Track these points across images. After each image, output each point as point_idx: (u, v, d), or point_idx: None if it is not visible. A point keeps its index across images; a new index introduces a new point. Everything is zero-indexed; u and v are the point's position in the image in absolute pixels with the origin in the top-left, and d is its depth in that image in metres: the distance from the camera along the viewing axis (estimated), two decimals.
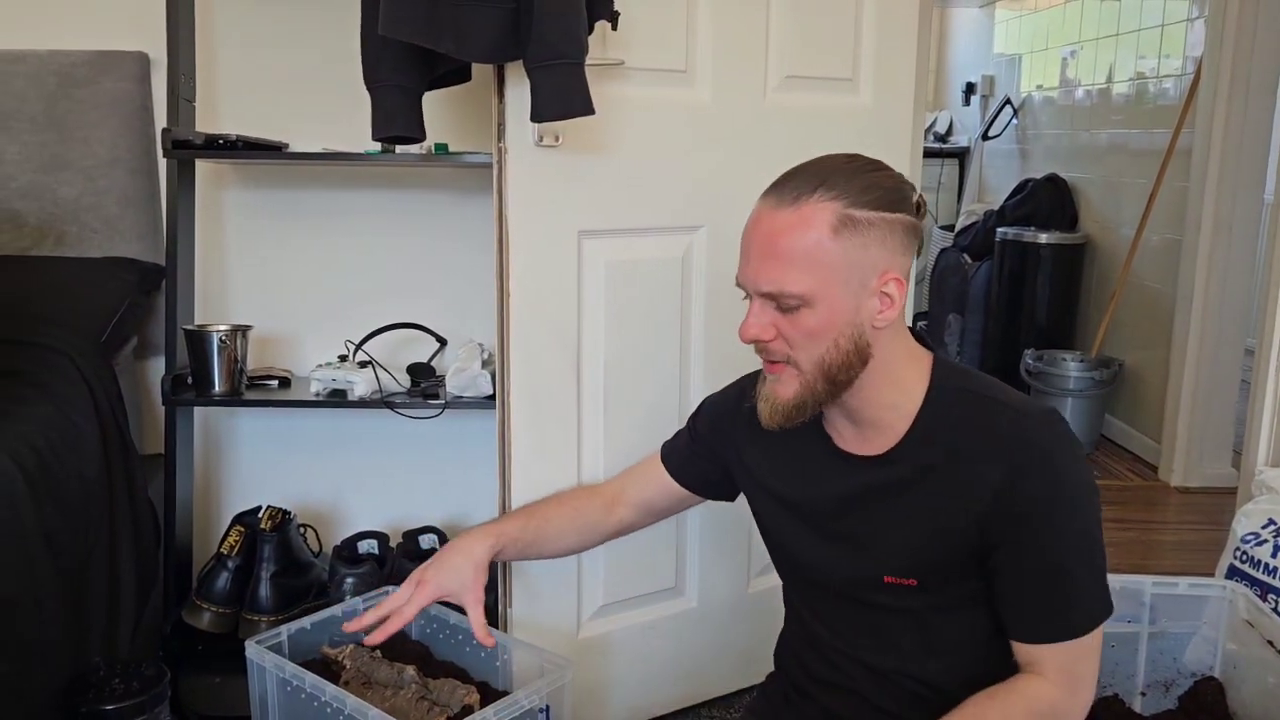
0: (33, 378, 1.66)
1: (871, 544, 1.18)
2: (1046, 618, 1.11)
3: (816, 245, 1.07)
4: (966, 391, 1.14)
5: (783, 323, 1.10)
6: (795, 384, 1.13)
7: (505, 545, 1.43)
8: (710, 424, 1.41)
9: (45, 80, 2.00)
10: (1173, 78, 3.62)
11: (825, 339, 1.09)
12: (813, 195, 1.07)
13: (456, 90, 1.89)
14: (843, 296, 1.08)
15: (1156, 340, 3.63)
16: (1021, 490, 1.07)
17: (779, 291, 1.08)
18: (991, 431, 1.10)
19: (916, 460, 1.14)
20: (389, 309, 2.12)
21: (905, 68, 2.02)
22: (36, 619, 1.41)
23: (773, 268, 1.09)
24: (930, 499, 1.13)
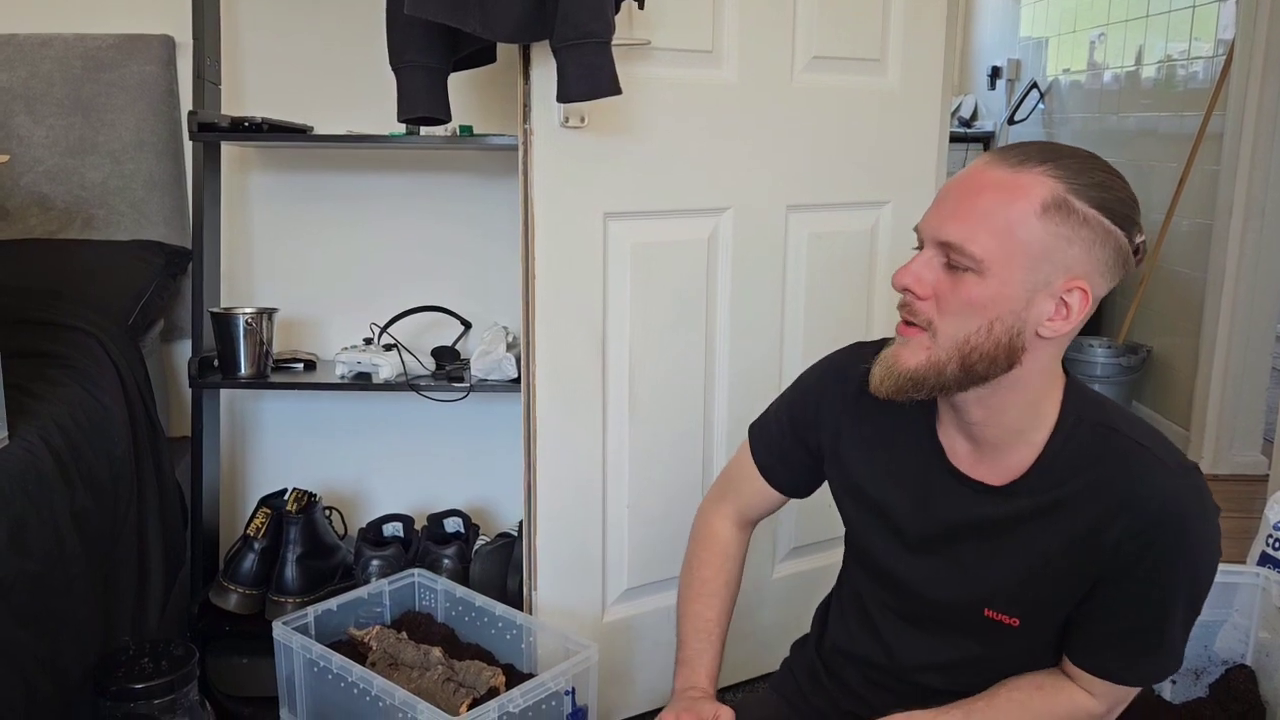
0: (62, 359, 1.67)
1: (977, 575, 1.11)
2: (1121, 661, 1.08)
3: (1019, 216, 0.96)
4: (1102, 427, 1.05)
5: (944, 283, 1.00)
6: (924, 355, 1.01)
7: (715, 669, 1.31)
8: (808, 411, 1.26)
9: (71, 64, 2.00)
10: (1203, 60, 3.57)
11: (980, 317, 0.98)
12: (1038, 166, 0.97)
13: (480, 72, 1.88)
14: (1020, 281, 0.97)
15: (1185, 326, 3.58)
16: (1147, 545, 1.01)
17: (958, 244, 0.97)
18: (1127, 480, 1.02)
19: (1040, 496, 1.06)
20: (414, 292, 2.12)
21: (934, 49, 2.00)
22: (67, 597, 1.42)
23: (963, 219, 0.98)
24: (1052, 539, 1.05)
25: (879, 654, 1.22)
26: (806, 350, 1.97)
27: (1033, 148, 1.00)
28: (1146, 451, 1.03)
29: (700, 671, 1.28)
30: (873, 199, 1.99)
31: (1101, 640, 1.08)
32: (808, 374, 1.30)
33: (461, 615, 1.77)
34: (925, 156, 2.03)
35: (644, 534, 1.88)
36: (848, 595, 1.29)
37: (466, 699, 1.50)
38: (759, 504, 1.35)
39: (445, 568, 1.91)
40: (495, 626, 1.72)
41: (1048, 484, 1.06)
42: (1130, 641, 1.07)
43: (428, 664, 1.59)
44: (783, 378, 1.97)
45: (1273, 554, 1.89)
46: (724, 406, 1.92)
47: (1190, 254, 3.58)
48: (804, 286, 1.95)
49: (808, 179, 1.91)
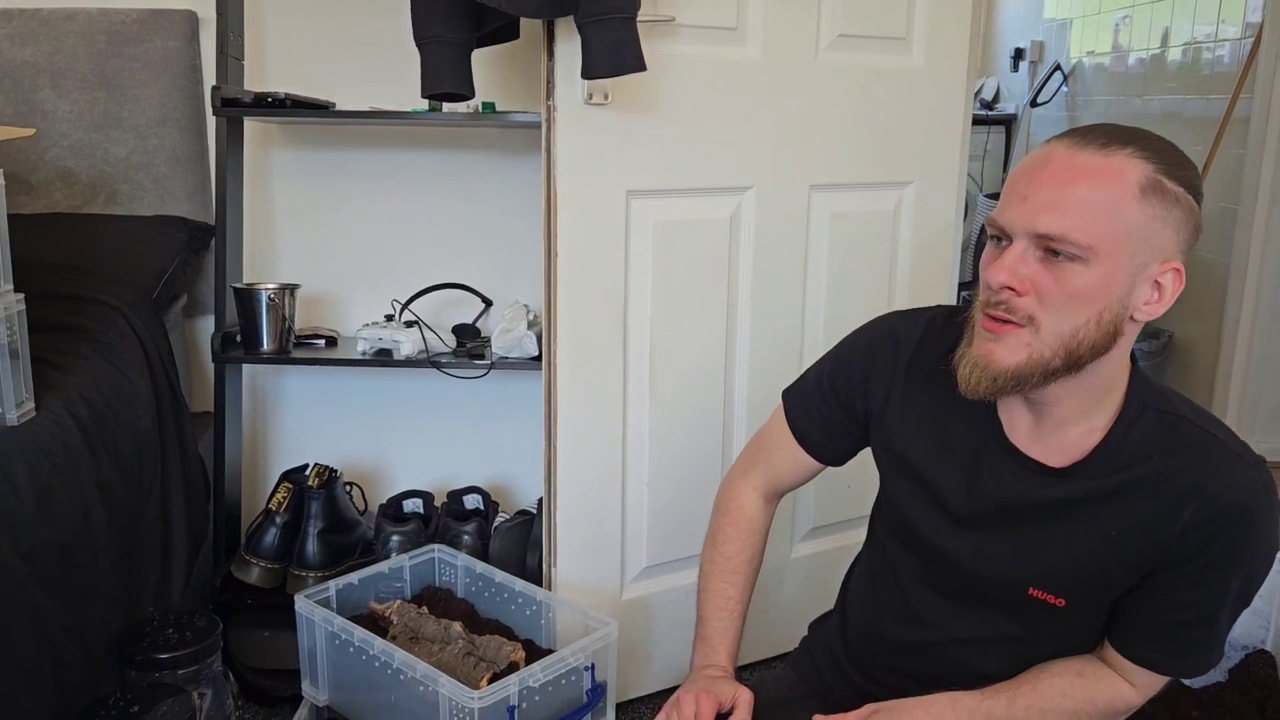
0: (87, 333, 1.68)
1: (1028, 554, 1.09)
2: (1169, 653, 1.08)
3: (1119, 199, 0.94)
4: (1168, 414, 1.04)
5: (1044, 276, 0.96)
6: (1024, 352, 0.97)
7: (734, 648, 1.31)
8: (855, 375, 1.22)
9: (96, 39, 2.01)
10: (1230, 43, 3.52)
11: (1088, 308, 0.95)
12: (1125, 148, 0.95)
13: (503, 49, 1.87)
14: (1124, 267, 0.95)
15: (1208, 311, 3.55)
16: (1213, 536, 1.00)
17: (1060, 235, 0.93)
18: (1198, 469, 1.01)
19: (1102, 480, 1.04)
20: (435, 269, 2.13)
21: (959, 29, 1.98)
22: (92, 567, 1.44)
23: (1063, 208, 0.94)
24: (1112, 523, 1.04)
25: (907, 629, 1.20)
26: (828, 330, 1.97)
27: (1107, 129, 0.98)
28: (1218, 442, 1.02)
29: (720, 650, 1.28)
30: (896, 179, 1.98)
31: (1152, 631, 1.07)
32: (855, 337, 1.26)
33: (481, 591, 1.78)
34: (950, 137, 2.01)
35: (663, 512, 1.88)
36: (877, 568, 1.27)
37: (487, 673, 1.51)
38: (791, 473, 1.32)
39: (465, 544, 1.92)
40: (515, 602, 1.73)
41: (1110, 469, 1.04)
42: (1181, 633, 1.06)
43: (448, 638, 1.60)
44: (803, 357, 1.96)
45: None
46: (744, 386, 1.91)
47: (1214, 238, 3.54)
48: (826, 266, 1.94)
49: (831, 158, 1.90)
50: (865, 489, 1.90)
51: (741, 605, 1.31)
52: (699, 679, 1.25)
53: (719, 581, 1.32)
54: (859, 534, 2.05)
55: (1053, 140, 1.00)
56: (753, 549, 1.33)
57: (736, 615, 1.30)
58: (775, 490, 1.35)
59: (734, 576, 1.31)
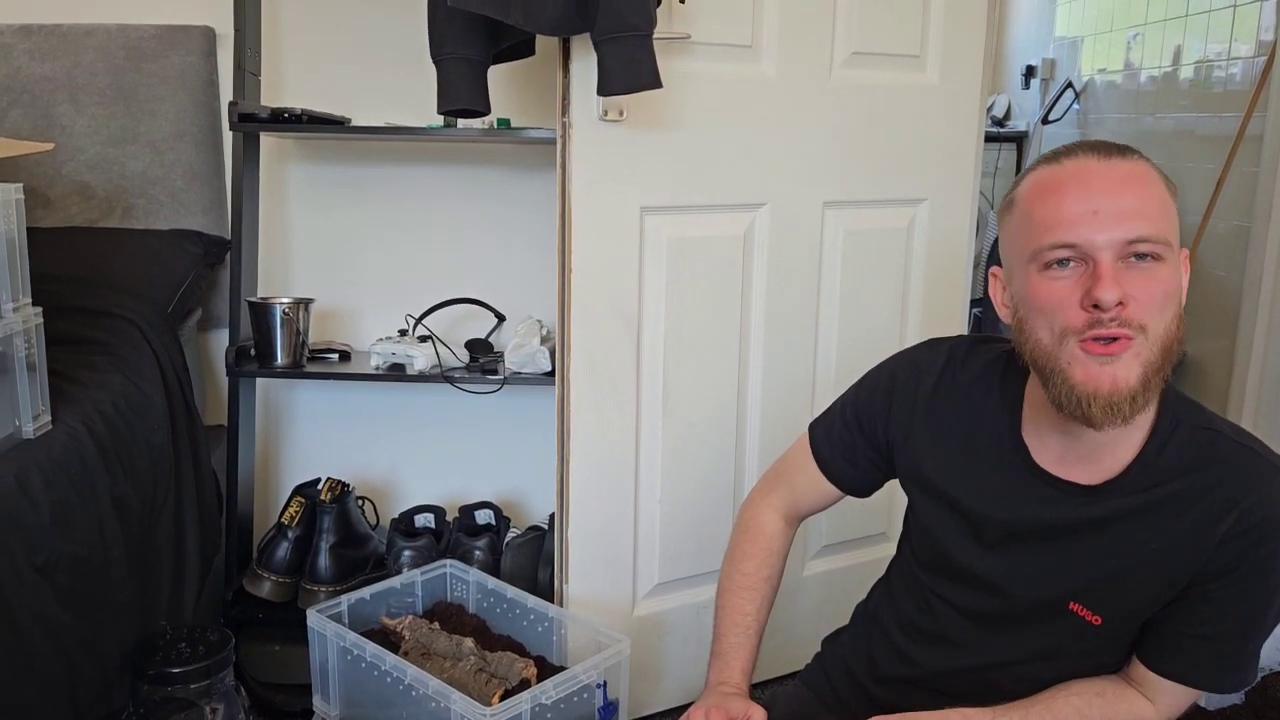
0: (103, 346, 1.69)
1: (1067, 570, 1.08)
2: (1201, 668, 1.07)
3: (1164, 197, 0.98)
4: (1204, 430, 1.04)
5: (1136, 282, 0.94)
6: (1139, 364, 0.95)
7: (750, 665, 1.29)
8: (877, 404, 1.23)
9: (114, 54, 2.02)
10: (1242, 61, 3.52)
11: (1174, 303, 0.96)
12: (1134, 155, 0.99)
13: (518, 65, 1.88)
14: (1177, 257, 0.98)
15: (1222, 330, 3.54)
16: (1251, 547, 1.00)
17: (1151, 235, 0.94)
18: (1237, 482, 1.01)
19: (1138, 496, 1.04)
20: (449, 284, 2.13)
21: (974, 47, 1.98)
22: (106, 580, 1.44)
23: (1139, 212, 0.94)
24: (1150, 539, 1.04)
25: (938, 655, 1.19)
26: (841, 348, 1.96)
27: (1103, 143, 1.00)
28: (1256, 455, 1.02)
29: (735, 666, 1.27)
30: (910, 196, 1.98)
31: (1184, 645, 1.06)
32: (879, 368, 1.27)
33: (493, 607, 1.78)
34: (963, 154, 2.01)
35: (675, 529, 1.88)
36: (905, 593, 1.26)
37: (499, 689, 1.50)
38: (811, 499, 1.32)
39: (476, 559, 1.92)
40: (527, 619, 1.73)
41: (1146, 484, 1.04)
42: (1214, 648, 1.05)
43: (460, 654, 1.60)
44: (817, 375, 1.96)
45: None
46: (757, 404, 1.91)
47: (1227, 257, 3.54)
48: (839, 283, 1.94)
49: (845, 175, 1.90)
50: (877, 507, 1.91)
51: (758, 623, 1.30)
52: (712, 695, 1.24)
53: (736, 598, 1.31)
54: (872, 551, 2.06)
55: (1064, 159, 1.00)
56: (771, 568, 1.32)
57: (753, 632, 1.29)
58: (795, 513, 1.35)
59: (751, 594, 1.30)
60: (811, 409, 1.94)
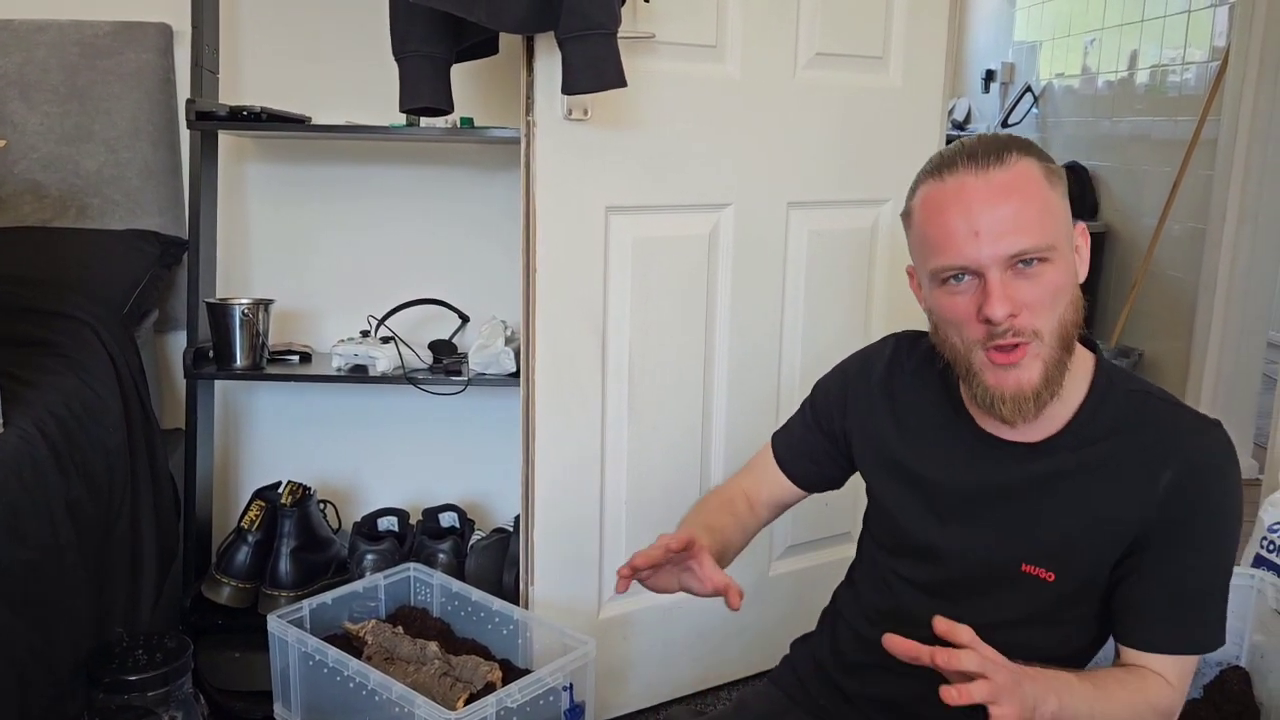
0: (56, 348, 1.65)
1: (1016, 532, 1.12)
2: (1179, 629, 1.08)
3: (1043, 195, 1.03)
4: (1137, 392, 1.10)
5: (1025, 289, 1.02)
6: (1039, 363, 1.03)
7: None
8: (832, 397, 1.30)
9: (67, 50, 1.98)
10: (1196, 66, 3.59)
11: (1065, 295, 1.04)
12: (1011, 154, 1.03)
13: (481, 64, 1.87)
14: (1067, 248, 1.05)
15: (1177, 330, 3.60)
16: (1191, 497, 1.04)
17: (1030, 247, 1.01)
18: (1169, 432, 1.06)
19: (1080, 453, 1.09)
20: (411, 285, 2.11)
21: (935, 48, 2.00)
22: (60, 587, 1.41)
23: (1015, 226, 1.01)
24: (1092, 492, 1.08)
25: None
26: (805, 348, 1.97)
27: (979, 145, 1.04)
28: (1184, 409, 1.09)
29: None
30: (873, 197, 1.99)
31: (1156, 612, 1.08)
32: (829, 373, 1.34)
33: (458, 610, 1.76)
34: (925, 155, 1.98)
35: (641, 531, 1.87)
36: (868, 582, 1.28)
37: (464, 693, 1.49)
38: (772, 488, 1.36)
39: (440, 562, 1.90)
40: (492, 622, 1.71)
41: (1086, 441, 1.09)
42: (1186, 608, 1.07)
43: (424, 658, 1.58)
44: (781, 375, 1.96)
45: (1268, 556, 1.89)
46: (723, 402, 1.91)
47: (1183, 258, 3.60)
48: (804, 283, 1.95)
49: (809, 176, 1.91)
50: (842, 507, 1.91)
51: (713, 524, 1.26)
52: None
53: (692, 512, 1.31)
54: (836, 551, 2.07)
55: (946, 175, 1.05)
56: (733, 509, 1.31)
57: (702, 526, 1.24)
58: (757, 498, 1.36)
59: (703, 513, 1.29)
60: (777, 409, 1.94)
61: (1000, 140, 1.05)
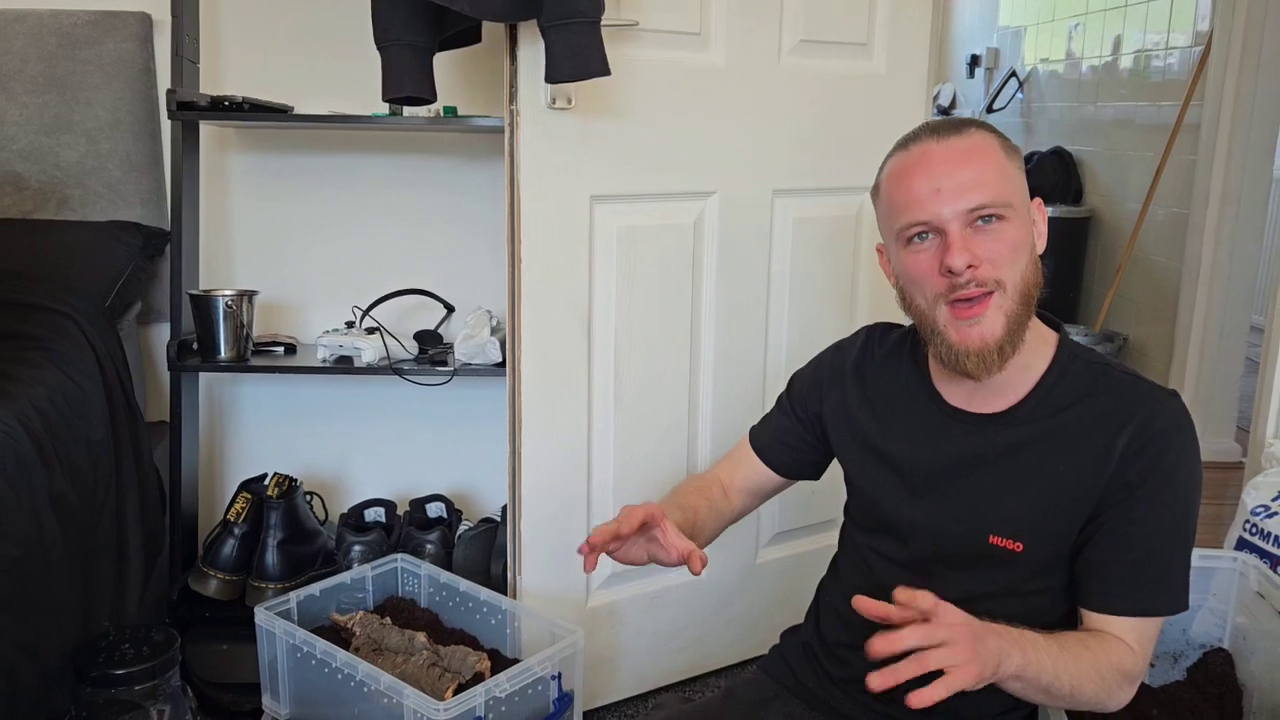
0: (39, 341, 1.64)
1: (983, 503, 1.15)
2: (1138, 591, 1.09)
3: (1001, 161, 1.10)
4: (1097, 364, 1.14)
5: (985, 244, 1.08)
6: (1001, 315, 1.08)
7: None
8: (807, 384, 1.36)
9: (46, 41, 1.96)
10: (1180, 51, 3.59)
11: (1024, 251, 1.09)
12: (970, 128, 1.11)
13: (464, 52, 1.86)
14: (1024, 210, 1.11)
15: (1161, 315, 3.62)
16: (1146, 460, 1.07)
17: (988, 201, 1.07)
18: (1126, 400, 1.10)
19: (1042, 423, 1.13)
20: (396, 275, 2.10)
21: (919, 34, 1.99)
22: (46, 581, 1.40)
23: (975, 182, 1.08)
24: (1055, 461, 1.11)
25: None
26: (791, 336, 1.97)
27: (940, 123, 1.13)
28: (1141, 379, 1.13)
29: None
30: (858, 184, 1.98)
31: (1113, 575, 1.10)
32: (804, 366, 1.39)
33: (445, 600, 1.76)
34: None
35: None
36: (849, 562, 1.31)
37: (452, 684, 1.49)
38: (749, 474, 1.39)
39: (428, 553, 1.90)
40: (480, 612, 1.71)
41: (1048, 411, 1.13)
42: (1145, 570, 1.09)
43: (412, 649, 1.58)
44: (767, 363, 1.97)
45: (1250, 539, 1.91)
46: (709, 390, 1.91)
47: (1167, 243, 3.61)
48: (789, 271, 1.95)
49: (793, 164, 1.90)
50: (829, 494, 1.91)
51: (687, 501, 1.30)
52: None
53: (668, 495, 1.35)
54: (823, 538, 2.07)
55: (911, 145, 1.12)
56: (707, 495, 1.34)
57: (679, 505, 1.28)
58: (732, 484, 1.40)
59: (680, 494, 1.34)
60: (763, 397, 1.94)
61: (961, 119, 1.13)
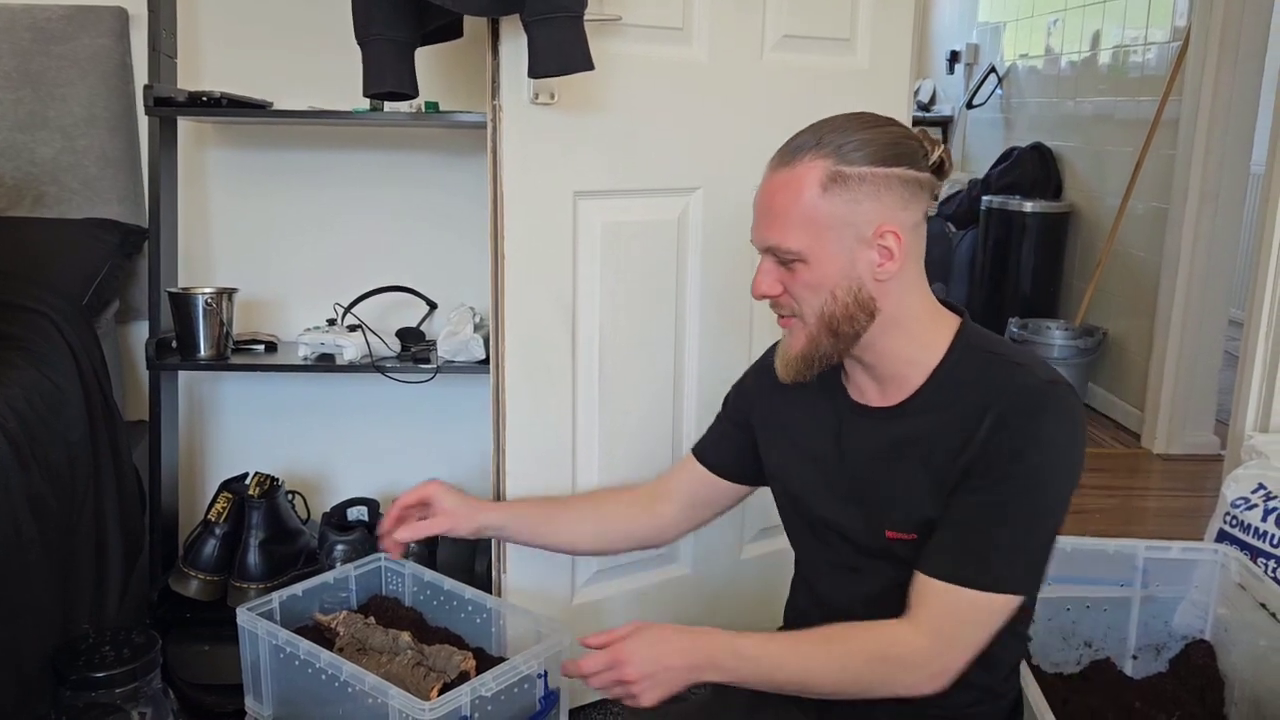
0: (14, 340, 1.62)
1: (879, 497, 1.18)
2: (951, 553, 1.10)
3: (808, 203, 1.11)
4: (987, 353, 1.15)
5: (786, 277, 1.15)
6: (802, 336, 1.17)
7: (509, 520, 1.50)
8: (740, 390, 1.43)
9: (19, 36, 1.94)
10: (1158, 46, 3.62)
11: (822, 292, 1.13)
12: (806, 155, 1.11)
13: (446, 47, 1.85)
14: (836, 251, 1.11)
15: (1140, 309, 3.64)
16: (998, 440, 1.08)
17: (776, 245, 1.13)
18: (996, 385, 1.11)
19: (931, 415, 1.15)
20: (378, 272, 2.09)
21: (902, 29, 1.99)
22: (24, 583, 1.38)
23: (771, 225, 1.13)
24: (935, 450, 1.13)
25: (816, 610, 1.27)
26: (775, 330, 1.96)
27: (803, 135, 1.14)
28: (1021, 368, 1.12)
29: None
30: None
31: (942, 542, 1.11)
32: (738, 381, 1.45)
33: (430, 599, 1.75)
34: None
35: None
36: (797, 575, 1.37)
37: (437, 683, 1.48)
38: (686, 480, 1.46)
39: (411, 551, 1.88)
40: (464, 610, 1.70)
41: (936, 403, 1.15)
42: (965, 536, 1.10)
43: (397, 649, 1.57)
44: (752, 357, 1.94)
45: (1230, 531, 1.92)
46: (694, 388, 1.91)
47: (1146, 238, 3.64)
48: None
49: None
50: None
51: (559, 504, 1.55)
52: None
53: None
54: None
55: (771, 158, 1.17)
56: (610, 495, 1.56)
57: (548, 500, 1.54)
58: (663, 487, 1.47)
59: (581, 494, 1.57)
60: None
61: (811, 137, 1.13)
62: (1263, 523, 1.86)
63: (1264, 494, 1.90)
